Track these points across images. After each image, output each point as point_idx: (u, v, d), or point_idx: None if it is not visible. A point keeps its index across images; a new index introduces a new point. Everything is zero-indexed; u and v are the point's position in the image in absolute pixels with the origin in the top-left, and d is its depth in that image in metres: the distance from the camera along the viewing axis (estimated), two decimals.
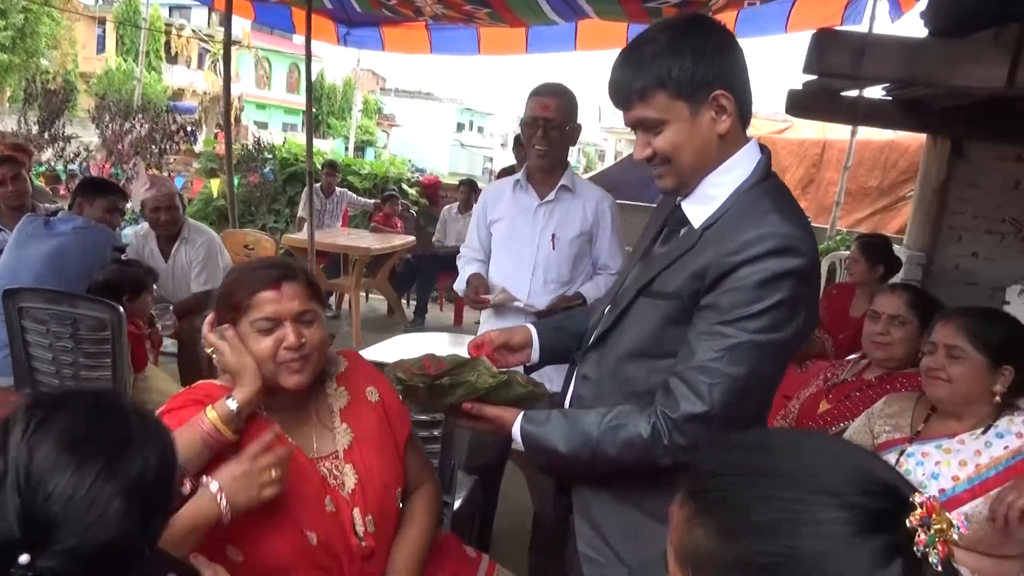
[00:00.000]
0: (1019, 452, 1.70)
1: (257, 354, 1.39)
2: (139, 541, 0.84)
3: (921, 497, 0.66)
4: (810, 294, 1.26)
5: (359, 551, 1.46)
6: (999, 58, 2.77)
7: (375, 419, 1.55)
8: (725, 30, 1.30)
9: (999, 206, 4.82)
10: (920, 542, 0.63)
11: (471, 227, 2.73)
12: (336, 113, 33.33)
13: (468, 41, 6.53)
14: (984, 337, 1.76)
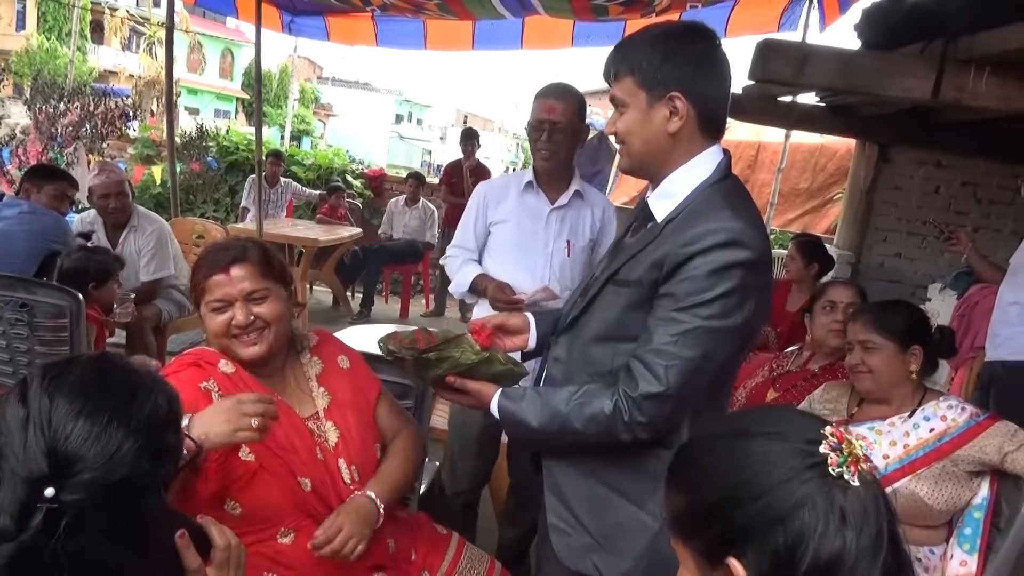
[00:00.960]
0: (944, 435, 1.87)
1: (210, 330, 1.54)
2: (152, 479, 0.90)
3: (833, 429, 0.83)
4: (760, 285, 1.34)
5: (348, 494, 1.57)
6: (926, 71, 2.99)
7: (348, 383, 1.68)
8: (713, 46, 1.38)
9: (921, 208, 5.15)
10: (832, 462, 0.80)
11: (464, 225, 2.52)
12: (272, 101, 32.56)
13: (414, 35, 6.52)
14: (888, 325, 1.94)
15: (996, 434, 1.82)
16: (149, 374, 0.99)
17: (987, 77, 2.93)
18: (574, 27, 6.11)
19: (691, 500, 0.86)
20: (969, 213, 5.11)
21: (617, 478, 1.46)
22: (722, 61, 1.38)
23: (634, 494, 1.44)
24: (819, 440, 0.82)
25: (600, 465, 1.47)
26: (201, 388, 1.47)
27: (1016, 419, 2.91)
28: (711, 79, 1.38)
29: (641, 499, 1.44)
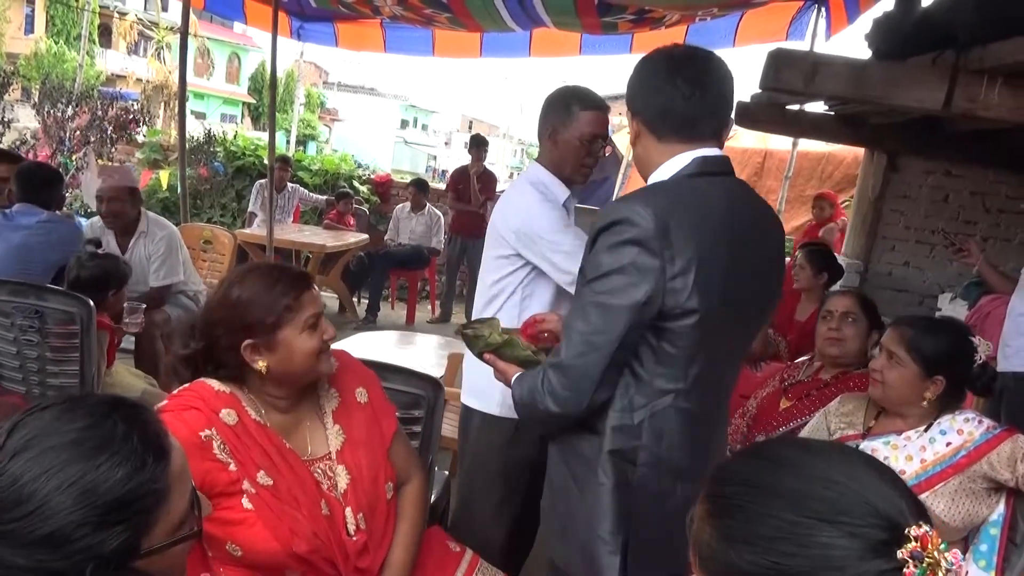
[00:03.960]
0: (960, 449, 1.85)
1: (307, 350, 1.47)
2: (90, 549, 0.79)
3: (918, 531, 0.70)
4: (658, 265, 1.34)
5: (352, 546, 1.52)
6: (937, 82, 2.99)
7: (364, 420, 1.62)
8: (656, 64, 1.47)
9: (929, 217, 5.13)
10: (908, 574, 0.68)
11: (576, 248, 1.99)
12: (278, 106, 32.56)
13: (423, 42, 6.55)
14: (919, 347, 1.88)
15: (1007, 448, 1.80)
16: (128, 435, 0.84)
17: (999, 88, 2.92)
18: (582, 37, 6.14)
19: (717, 547, 0.76)
20: (978, 223, 5.09)
21: (577, 465, 1.50)
22: (665, 73, 1.44)
23: (580, 481, 1.50)
24: (898, 541, 0.69)
25: (566, 449, 1.54)
26: (202, 437, 1.39)
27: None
28: (650, 93, 1.47)
29: (583, 487, 1.49)
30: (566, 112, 2.09)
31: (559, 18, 5.25)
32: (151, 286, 3.50)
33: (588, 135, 2.09)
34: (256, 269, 1.52)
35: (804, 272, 3.87)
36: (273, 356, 1.45)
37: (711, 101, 1.44)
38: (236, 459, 1.41)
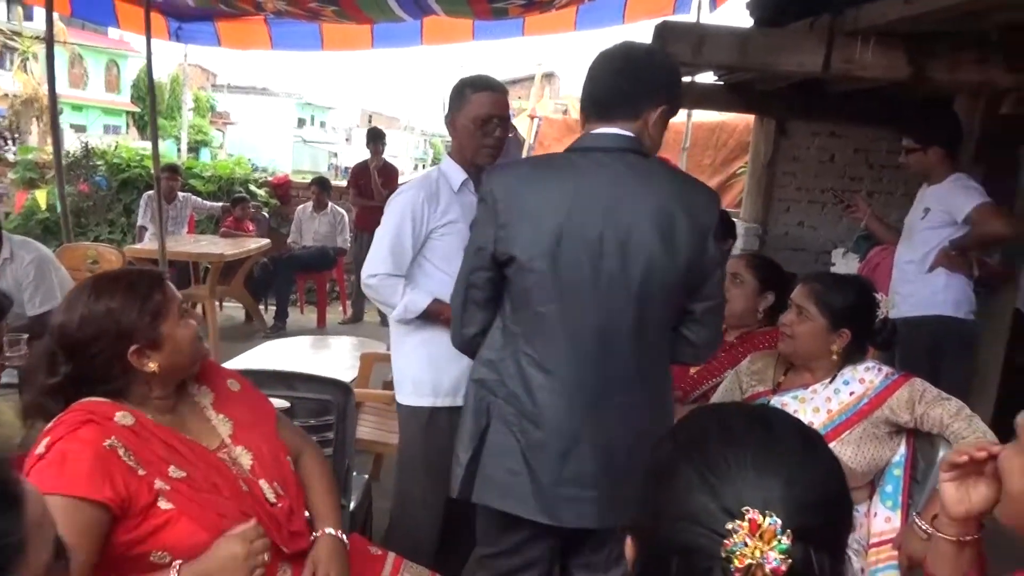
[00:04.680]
0: (863, 397, 1.92)
1: (188, 339, 1.48)
2: None
3: (754, 515, 0.70)
4: (490, 218, 1.61)
5: (279, 513, 1.52)
6: (815, 46, 3.09)
7: (244, 405, 1.63)
8: (603, 54, 1.63)
9: (818, 177, 5.35)
10: (726, 544, 0.69)
11: (394, 245, 2.16)
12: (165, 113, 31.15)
13: (311, 37, 6.34)
14: (826, 301, 1.95)
15: (905, 393, 1.88)
16: None
17: (873, 48, 3.05)
18: (474, 23, 6.07)
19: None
20: (863, 179, 5.34)
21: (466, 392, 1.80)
22: (592, 64, 1.65)
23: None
24: (737, 517, 0.71)
25: None
26: (105, 447, 1.34)
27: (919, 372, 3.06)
28: (583, 83, 1.66)
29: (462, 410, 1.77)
30: (460, 98, 2.17)
31: (448, 6, 5.17)
32: (28, 315, 3.24)
33: (482, 116, 2.14)
34: (106, 278, 1.50)
35: None
36: (161, 353, 1.45)
37: (598, 87, 1.62)
38: (142, 461, 1.38)
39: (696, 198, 1.59)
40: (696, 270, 1.58)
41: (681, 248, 1.55)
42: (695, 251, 1.56)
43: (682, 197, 1.57)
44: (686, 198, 1.57)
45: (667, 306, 1.61)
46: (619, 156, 1.57)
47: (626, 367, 1.60)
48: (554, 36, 6.42)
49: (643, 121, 1.58)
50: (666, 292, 1.58)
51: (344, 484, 2.16)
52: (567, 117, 9.39)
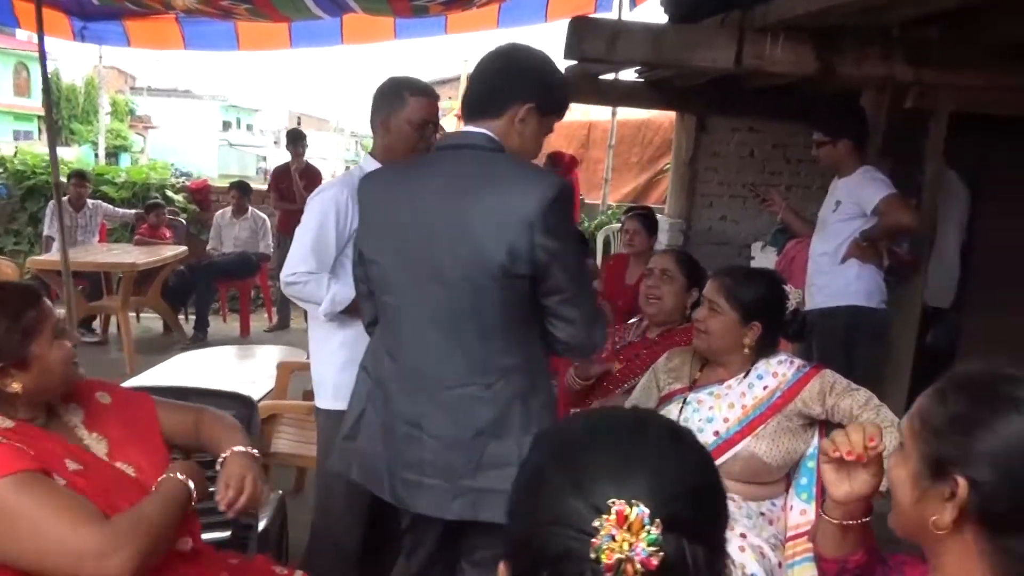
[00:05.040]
0: (776, 390, 1.93)
1: (64, 358, 1.43)
2: None
3: (621, 506, 0.66)
4: (358, 217, 1.81)
5: None
6: (727, 41, 3.12)
7: (117, 419, 1.55)
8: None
9: (739, 172, 5.44)
10: (593, 543, 0.65)
11: (311, 241, 2.10)
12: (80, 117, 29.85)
13: (226, 36, 6.11)
14: (737, 295, 1.96)
15: (816, 384, 1.89)
16: None
17: (782, 43, 3.10)
18: (395, 21, 5.96)
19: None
20: (782, 173, 5.45)
21: None
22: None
23: None
24: (603, 512, 0.67)
25: None
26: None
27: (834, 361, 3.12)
28: None
29: None
30: (397, 99, 2.14)
31: (367, 3, 5.06)
32: None
33: (418, 120, 2.14)
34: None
35: (639, 236, 3.96)
36: (28, 374, 1.38)
37: (471, 87, 1.66)
38: (38, 453, 1.32)
39: (526, 190, 1.52)
40: (523, 262, 1.50)
41: (504, 240, 1.50)
42: (519, 243, 1.49)
43: (512, 190, 1.53)
44: (516, 191, 1.53)
45: (504, 299, 1.54)
46: (468, 153, 1.60)
47: (468, 360, 1.58)
48: (479, 35, 6.37)
49: (508, 119, 1.59)
50: (498, 285, 1.53)
51: None
52: None
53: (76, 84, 30.27)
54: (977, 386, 0.92)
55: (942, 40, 3.09)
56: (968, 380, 0.94)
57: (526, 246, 1.49)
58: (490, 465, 1.56)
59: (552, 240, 1.50)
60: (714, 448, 1.90)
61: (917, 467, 0.93)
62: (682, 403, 2.03)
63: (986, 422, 0.88)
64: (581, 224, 7.51)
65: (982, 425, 0.88)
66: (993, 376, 0.92)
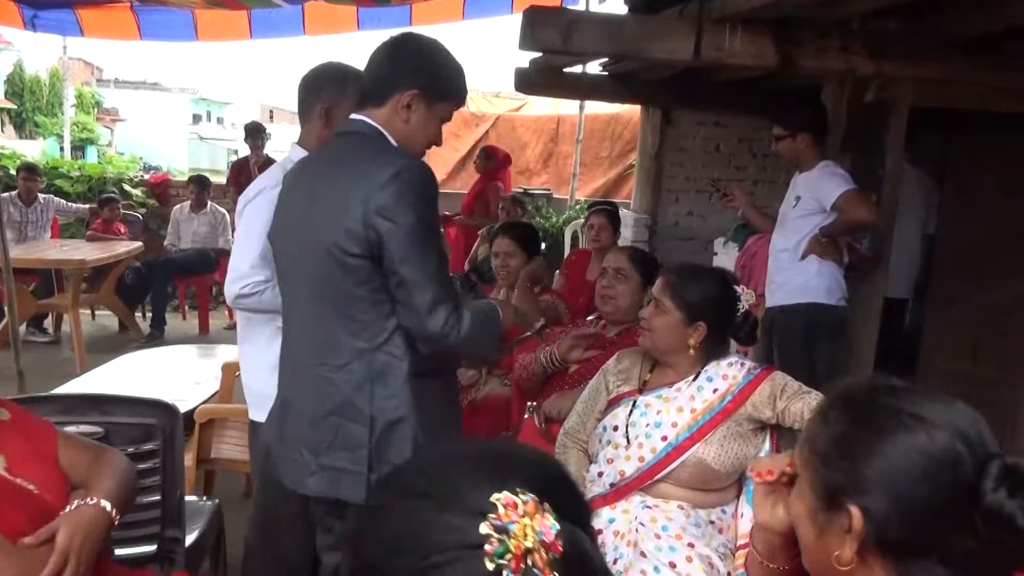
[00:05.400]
0: (727, 394, 1.85)
1: None
2: None
3: (505, 496, 0.58)
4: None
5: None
6: (686, 33, 3.04)
7: (17, 435, 1.44)
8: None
9: (705, 167, 5.38)
10: (489, 551, 0.56)
11: (260, 246, 1.91)
12: (45, 109, 29.22)
13: (183, 26, 5.93)
14: (682, 294, 1.88)
15: (767, 387, 1.82)
16: None
17: (740, 35, 3.02)
18: (358, 11, 5.84)
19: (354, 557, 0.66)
20: (747, 168, 5.40)
21: None
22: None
23: None
24: (487, 511, 0.59)
25: None
26: None
27: (795, 359, 3.08)
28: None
29: None
30: (343, 90, 1.98)
31: None
32: None
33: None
34: None
35: (605, 232, 3.88)
36: None
37: (365, 75, 1.68)
38: None
39: (366, 172, 1.54)
40: (356, 241, 1.52)
41: (341, 220, 1.53)
42: (353, 223, 1.52)
43: (356, 172, 1.56)
44: (359, 173, 1.55)
45: (350, 280, 1.56)
46: (346, 140, 1.65)
47: (328, 340, 1.60)
48: (446, 27, 6.25)
49: (392, 106, 1.60)
50: (340, 265, 1.55)
51: (176, 516, 1.95)
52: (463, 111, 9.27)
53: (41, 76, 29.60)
54: (857, 403, 0.84)
55: (902, 32, 3.03)
56: (847, 396, 0.86)
57: (359, 226, 1.51)
58: (343, 446, 1.58)
59: (384, 220, 1.50)
60: (663, 455, 1.83)
61: (812, 499, 0.85)
62: (631, 406, 1.96)
63: (869, 442, 0.80)
64: (549, 219, 7.44)
65: (865, 446, 0.80)
66: (872, 389, 0.84)
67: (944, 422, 0.79)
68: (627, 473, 1.85)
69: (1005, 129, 3.65)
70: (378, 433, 1.57)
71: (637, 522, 1.80)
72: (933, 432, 0.78)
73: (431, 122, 1.65)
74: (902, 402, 0.81)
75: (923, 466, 0.77)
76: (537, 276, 3.10)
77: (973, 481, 0.76)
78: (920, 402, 0.80)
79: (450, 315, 1.53)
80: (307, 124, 2.03)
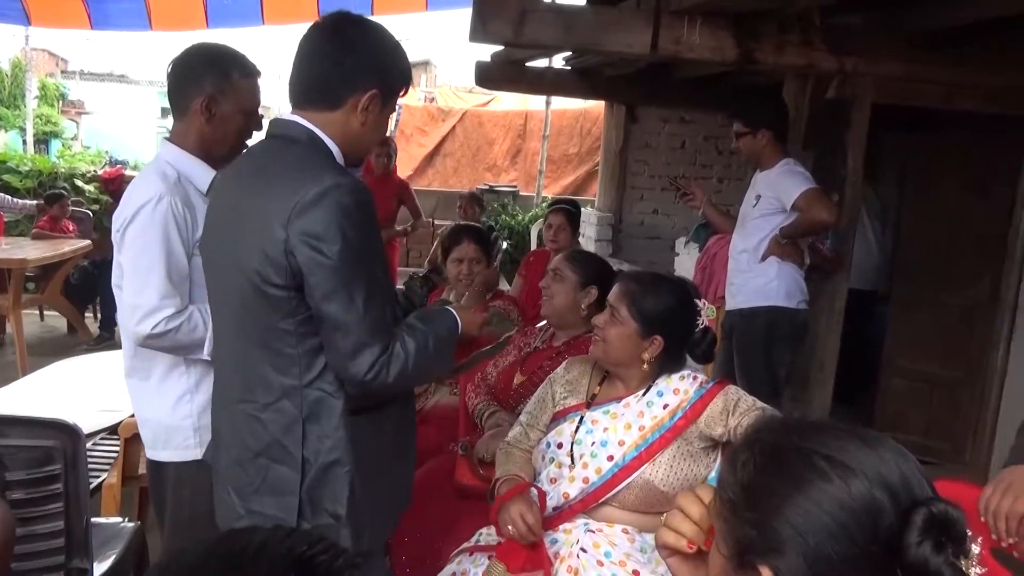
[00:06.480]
0: (677, 410, 1.73)
1: None
2: None
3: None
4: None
5: None
6: (643, 26, 2.93)
7: None
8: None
9: (670, 164, 5.30)
10: None
11: (164, 271, 1.67)
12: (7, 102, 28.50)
13: (135, 15, 5.70)
14: (639, 305, 1.75)
15: (719, 403, 1.71)
16: None
17: (700, 28, 2.92)
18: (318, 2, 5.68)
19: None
20: (713, 165, 5.33)
21: None
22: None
23: None
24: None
25: None
26: None
27: (754, 363, 2.98)
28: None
29: None
30: (223, 79, 1.73)
31: None
32: None
33: (254, 108, 1.80)
34: None
35: (563, 233, 3.75)
36: None
37: (298, 70, 1.43)
38: None
39: (290, 188, 1.30)
40: (275, 269, 1.30)
41: (259, 244, 1.32)
42: (272, 248, 1.29)
43: (278, 188, 1.33)
44: (281, 189, 1.32)
45: (273, 311, 1.34)
46: (275, 144, 1.44)
47: (254, 375, 1.40)
48: (436, 23, 6.09)
49: (347, 110, 1.39)
50: (261, 294, 1.33)
51: (83, 544, 1.80)
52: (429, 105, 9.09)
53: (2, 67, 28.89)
54: (767, 445, 0.73)
55: (864, 27, 2.95)
56: (757, 437, 0.75)
57: (279, 252, 1.29)
58: (270, 491, 1.41)
59: (307, 248, 1.27)
60: (608, 476, 1.71)
61: (725, 554, 0.74)
62: (578, 421, 1.83)
63: (778, 492, 0.69)
64: (514, 217, 7.32)
65: (775, 496, 0.69)
66: (785, 429, 0.73)
67: (863, 466, 0.68)
68: (571, 496, 1.73)
69: (968, 129, 3.59)
70: (310, 478, 1.39)
71: (579, 547, 1.68)
72: (849, 479, 0.67)
73: (383, 119, 1.48)
74: (815, 444, 0.70)
75: (838, 518, 0.67)
76: (492, 283, 2.98)
77: (896, 533, 0.66)
78: (836, 444, 0.69)
79: (377, 359, 1.33)
80: (183, 118, 1.74)
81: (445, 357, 1.50)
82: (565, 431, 1.83)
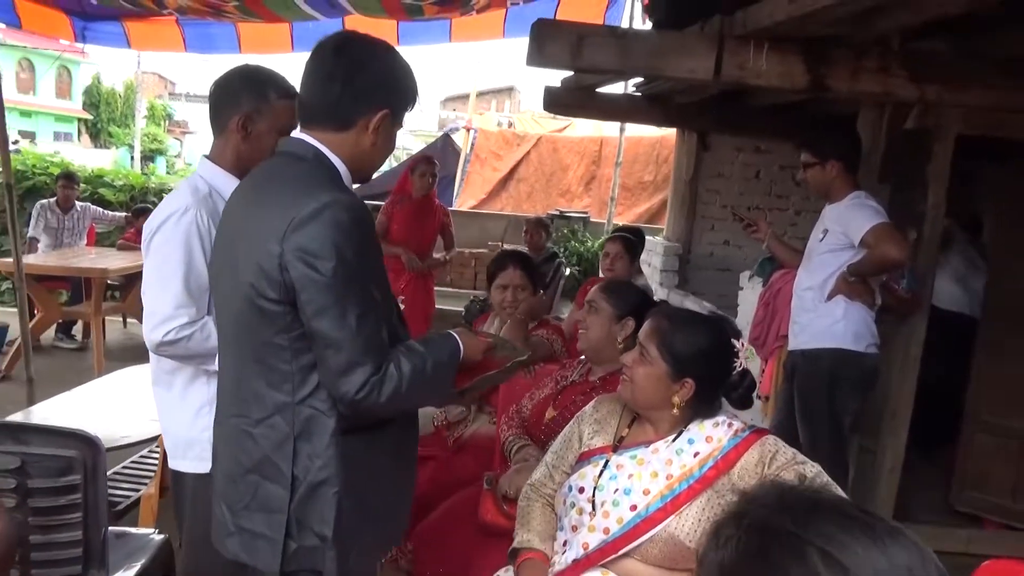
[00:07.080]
0: (708, 459, 1.61)
1: None
2: None
3: None
4: None
5: None
6: (706, 50, 2.81)
7: None
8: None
9: (743, 195, 5.10)
10: None
11: (183, 282, 1.71)
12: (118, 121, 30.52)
13: (227, 39, 6.02)
14: (670, 344, 1.64)
15: (755, 454, 1.57)
16: None
17: (767, 53, 2.78)
18: (398, 25, 5.80)
19: None
20: (790, 196, 5.11)
21: None
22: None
23: None
24: None
25: None
26: None
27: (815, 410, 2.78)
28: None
29: None
30: (261, 100, 1.79)
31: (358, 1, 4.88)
32: None
33: (287, 127, 1.76)
34: None
35: (621, 261, 3.66)
36: None
37: (308, 89, 1.43)
38: None
39: (287, 206, 1.31)
40: (270, 285, 1.31)
41: (254, 260, 1.34)
42: (267, 264, 1.31)
43: (276, 205, 1.34)
44: (278, 206, 1.33)
45: (268, 326, 1.35)
46: (281, 160, 1.45)
47: (248, 390, 1.41)
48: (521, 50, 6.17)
49: (358, 130, 1.40)
50: (256, 310, 1.35)
51: (100, 555, 1.80)
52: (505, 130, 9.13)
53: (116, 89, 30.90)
54: (756, 523, 0.62)
55: (948, 54, 2.75)
56: (745, 511, 0.64)
57: (273, 267, 1.30)
58: (260, 507, 1.39)
59: (300, 264, 1.28)
60: (630, 527, 1.59)
61: None
62: (602, 465, 1.72)
63: None
64: (584, 244, 7.22)
65: None
66: (781, 505, 0.62)
67: (862, 571, 0.56)
68: (590, 546, 1.62)
69: None
70: (298, 496, 1.37)
71: None
72: None
73: (393, 137, 1.48)
74: (812, 532, 0.58)
75: None
76: (536, 311, 2.90)
77: None
78: (838, 536, 0.58)
79: (368, 378, 1.30)
80: (221, 136, 1.80)
81: (444, 381, 1.46)
82: (588, 475, 1.72)
